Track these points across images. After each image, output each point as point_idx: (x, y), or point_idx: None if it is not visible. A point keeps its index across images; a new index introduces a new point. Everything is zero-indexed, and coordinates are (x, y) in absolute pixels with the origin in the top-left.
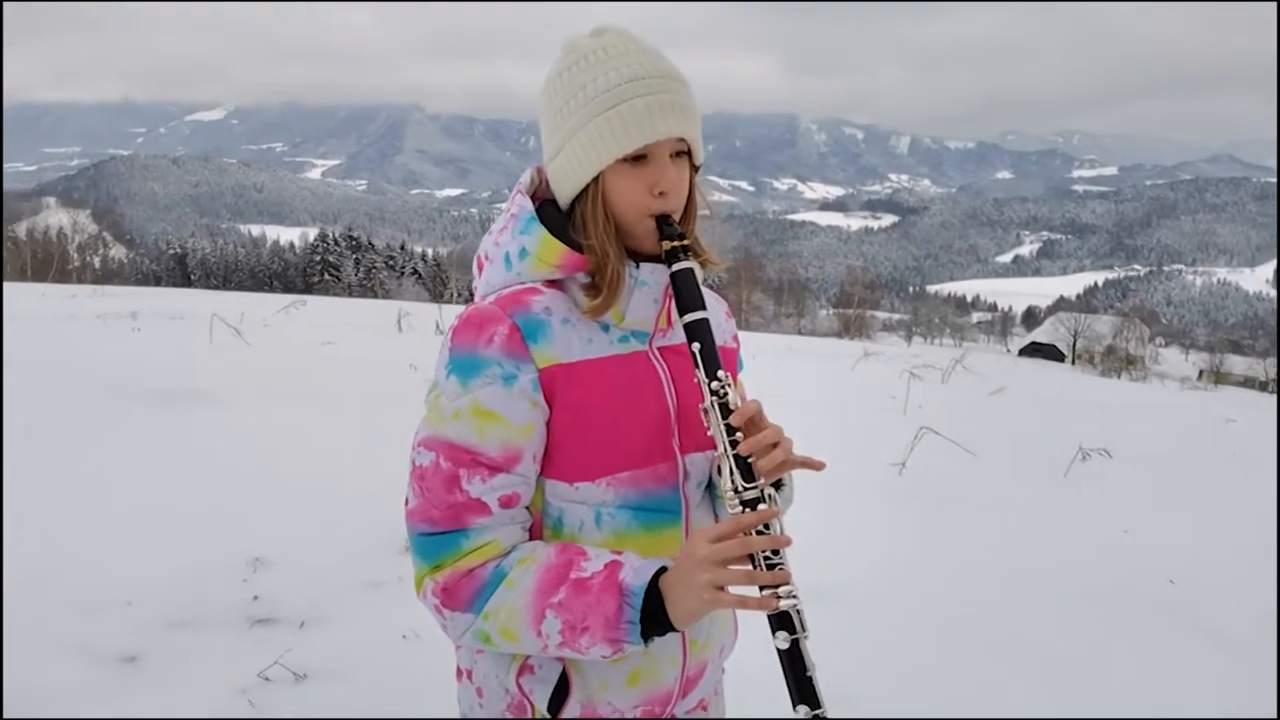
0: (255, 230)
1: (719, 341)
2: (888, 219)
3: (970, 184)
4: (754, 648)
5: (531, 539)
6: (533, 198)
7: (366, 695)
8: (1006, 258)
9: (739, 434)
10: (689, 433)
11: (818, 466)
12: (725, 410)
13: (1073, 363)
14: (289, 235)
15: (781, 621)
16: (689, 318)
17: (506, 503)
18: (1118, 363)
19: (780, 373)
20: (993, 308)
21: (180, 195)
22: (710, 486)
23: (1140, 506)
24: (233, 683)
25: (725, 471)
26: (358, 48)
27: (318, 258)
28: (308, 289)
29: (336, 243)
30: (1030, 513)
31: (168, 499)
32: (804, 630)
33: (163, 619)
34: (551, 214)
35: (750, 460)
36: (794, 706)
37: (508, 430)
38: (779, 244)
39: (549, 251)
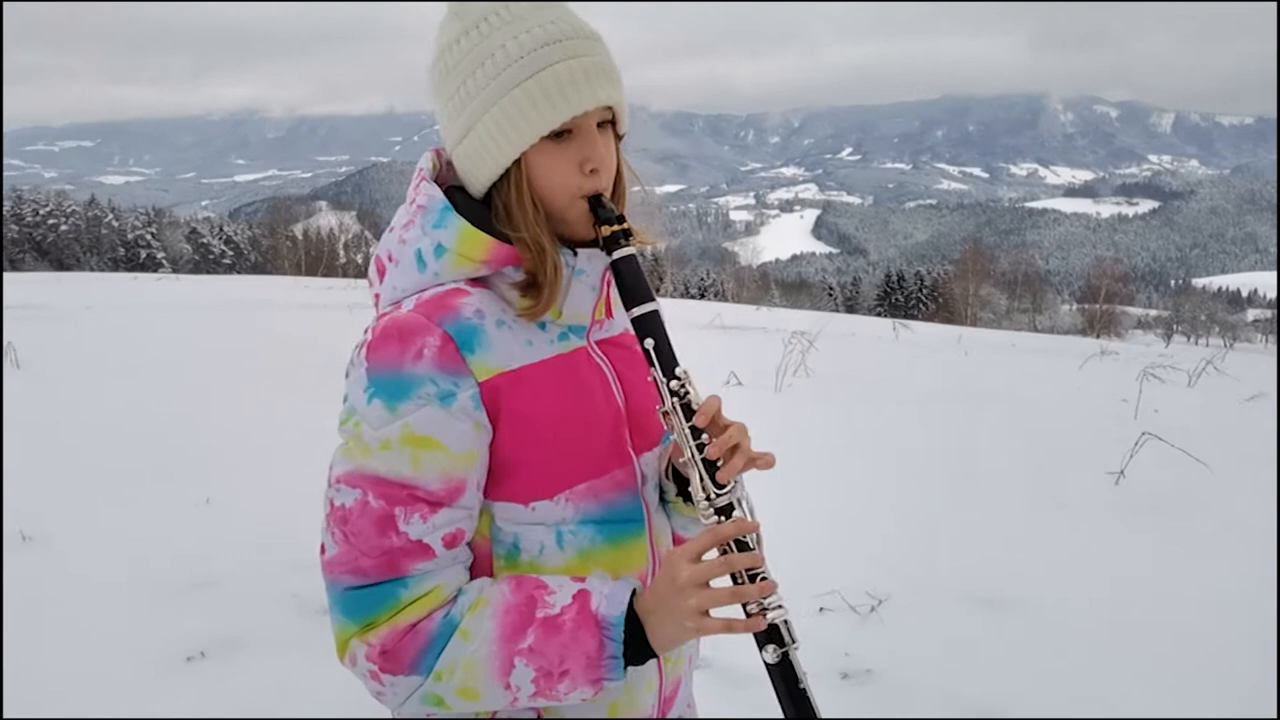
0: None
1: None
2: (1145, 204)
3: (1247, 164)
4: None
5: (476, 572)
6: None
7: None
8: None
9: (704, 436)
10: (639, 432)
11: (768, 464)
12: (688, 411)
13: None
14: None
15: (770, 635)
16: (637, 311)
17: (450, 542)
18: None
19: (992, 370)
20: (1274, 304)
21: None
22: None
23: None
24: None
25: (695, 479)
26: None
27: None
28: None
29: None
30: (1266, 533)
31: None
32: (794, 641)
33: None
34: (464, 203)
35: (719, 464)
36: None
37: (448, 458)
38: (1015, 234)
39: (472, 246)
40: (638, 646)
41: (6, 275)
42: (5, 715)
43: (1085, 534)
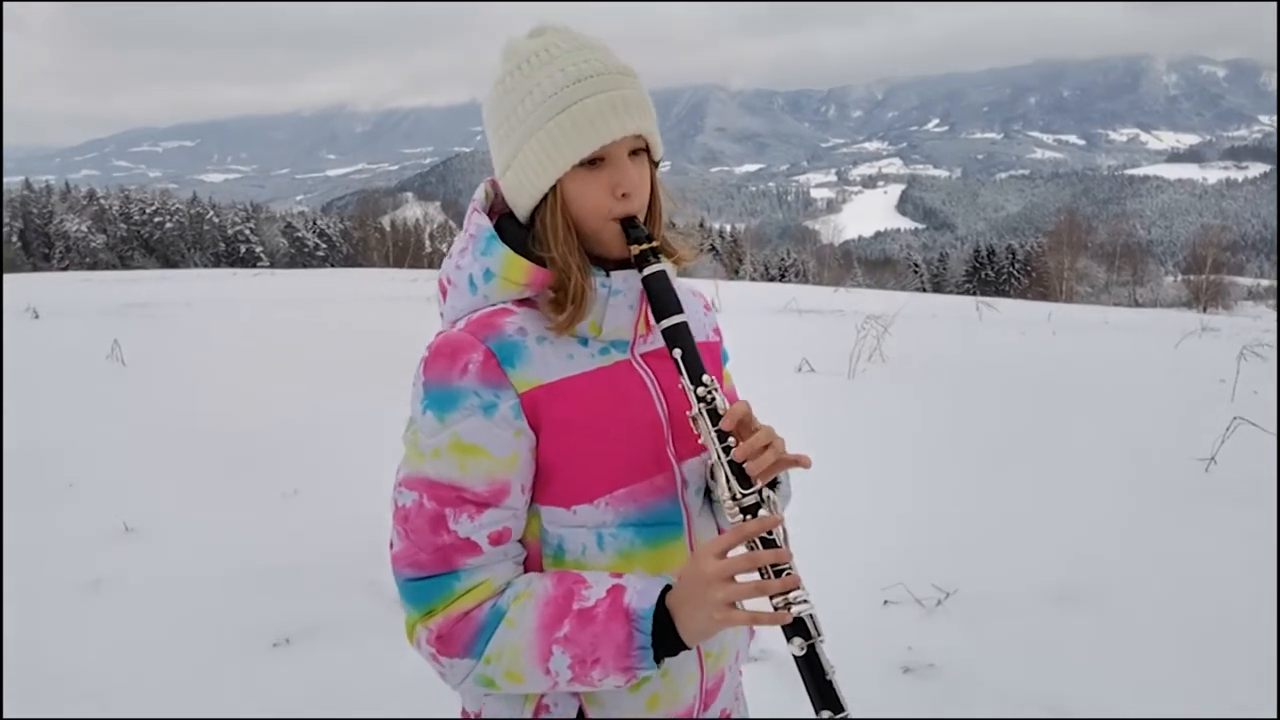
0: None
1: (698, 338)
2: (1256, 168)
3: None
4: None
5: (529, 570)
6: (490, 212)
7: None
8: None
9: (731, 439)
10: (683, 439)
11: (805, 464)
12: (714, 416)
13: None
14: None
15: (796, 628)
16: (666, 323)
17: (497, 539)
18: None
19: (1081, 350)
20: None
21: None
22: (708, 492)
23: None
24: None
25: (721, 479)
26: (671, 33)
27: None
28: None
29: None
30: None
31: None
32: (819, 634)
33: None
34: (511, 229)
35: (745, 465)
36: (817, 712)
37: (492, 463)
38: (1114, 203)
39: (514, 270)
40: (669, 639)
41: (117, 273)
42: (98, 692)
43: (1170, 525)
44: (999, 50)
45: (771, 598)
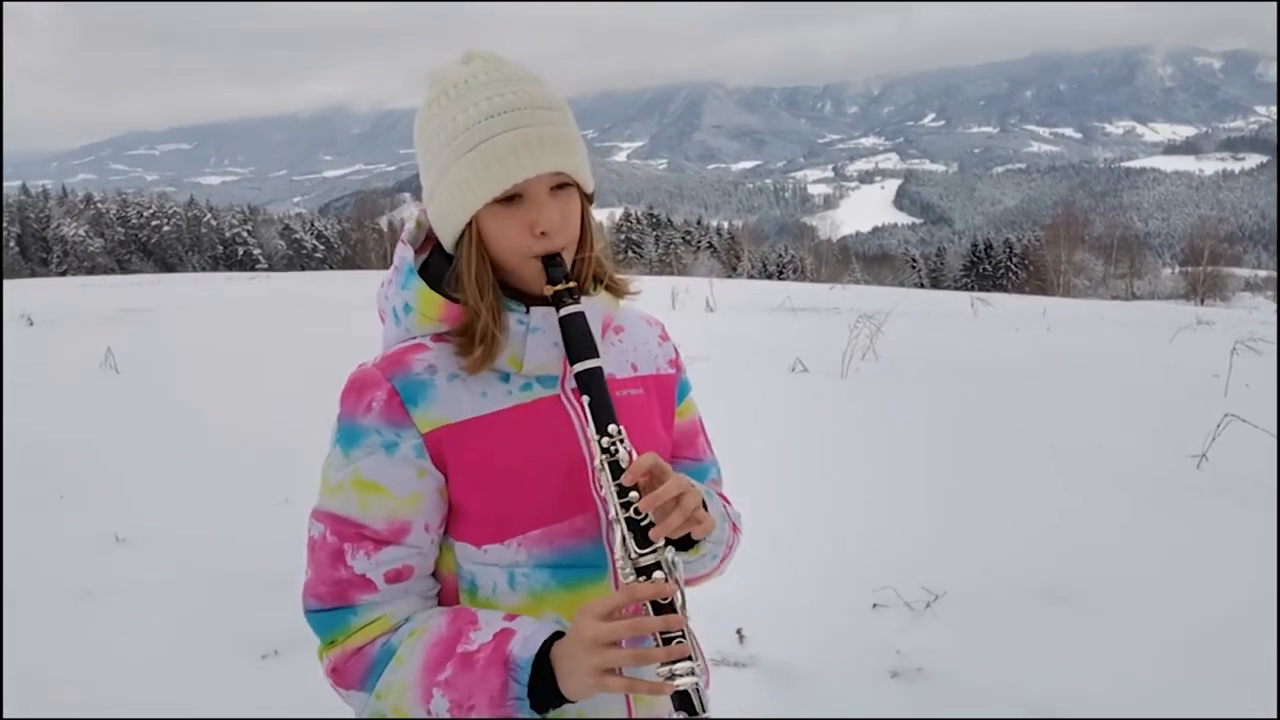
0: None
1: (649, 370)
2: (1253, 159)
3: None
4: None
5: (446, 602)
6: (427, 240)
7: None
8: None
9: (633, 493)
10: None
11: (707, 530)
12: (616, 470)
13: None
14: (598, 216)
15: (681, 701)
16: (579, 367)
17: (395, 577)
18: None
19: (1075, 346)
20: None
21: None
22: None
23: None
24: None
25: (618, 537)
26: (670, 30)
27: (622, 236)
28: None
29: (639, 221)
30: None
31: None
32: (704, 709)
33: None
34: (440, 262)
35: (645, 523)
36: None
37: (391, 502)
38: (1111, 195)
39: (429, 306)
40: (551, 689)
41: (113, 277)
42: (86, 703)
43: (1162, 523)
44: (995, 44)
45: (660, 666)
